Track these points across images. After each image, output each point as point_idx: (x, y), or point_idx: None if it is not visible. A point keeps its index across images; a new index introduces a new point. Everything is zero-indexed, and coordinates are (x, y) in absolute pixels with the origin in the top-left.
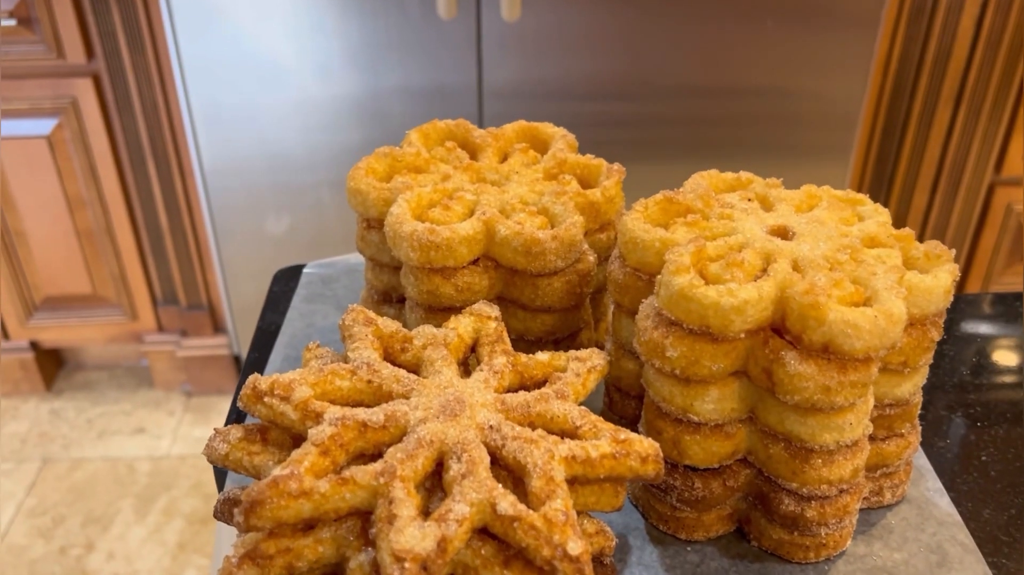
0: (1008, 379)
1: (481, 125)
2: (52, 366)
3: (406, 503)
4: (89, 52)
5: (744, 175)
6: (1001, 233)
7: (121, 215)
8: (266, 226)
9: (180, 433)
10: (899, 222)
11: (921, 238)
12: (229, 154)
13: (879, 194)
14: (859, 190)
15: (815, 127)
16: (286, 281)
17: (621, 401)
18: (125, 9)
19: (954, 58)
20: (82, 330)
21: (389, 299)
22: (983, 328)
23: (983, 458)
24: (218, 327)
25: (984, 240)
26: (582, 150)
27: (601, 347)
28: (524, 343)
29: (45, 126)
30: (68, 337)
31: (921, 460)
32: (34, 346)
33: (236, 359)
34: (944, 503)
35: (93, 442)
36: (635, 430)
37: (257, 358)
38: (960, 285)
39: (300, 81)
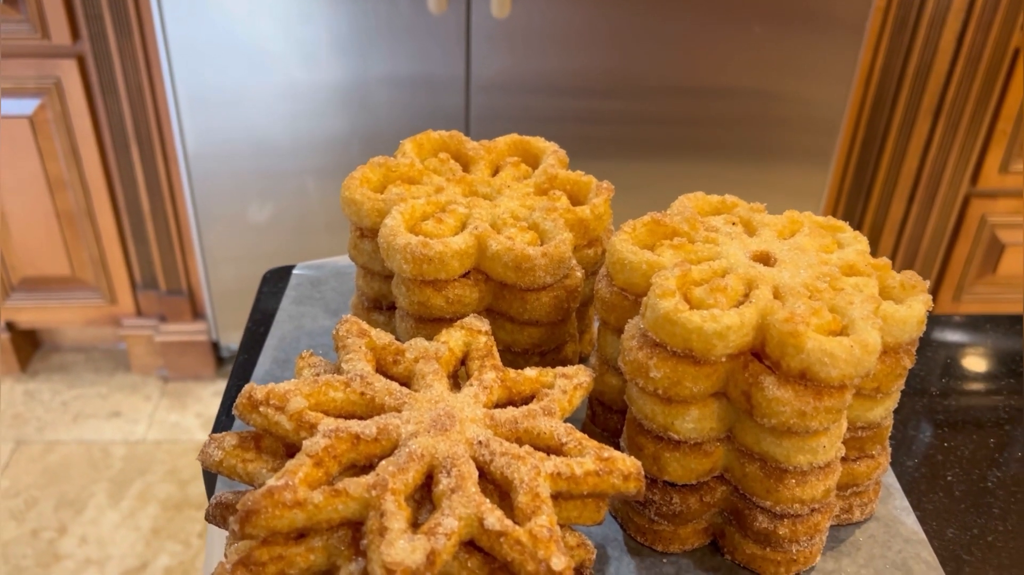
0: (975, 399)
1: (468, 118)
2: (28, 347)
3: (397, 516)
4: (75, 33)
5: (729, 198)
6: (975, 244)
7: (102, 198)
8: (248, 212)
9: (156, 418)
10: (876, 230)
11: (897, 246)
12: (213, 139)
13: (858, 202)
14: (838, 196)
15: (798, 131)
16: (275, 282)
17: (604, 414)
18: None
19: (935, 72)
20: (60, 312)
21: (379, 306)
22: (952, 347)
23: (948, 478)
24: (197, 313)
25: (958, 250)
26: (568, 146)
27: (585, 359)
28: (511, 354)
29: (27, 106)
30: (45, 319)
31: (890, 479)
32: (10, 327)
33: (214, 345)
34: (910, 521)
35: (68, 425)
36: (616, 443)
37: (246, 360)
38: (933, 294)
39: (287, 67)
